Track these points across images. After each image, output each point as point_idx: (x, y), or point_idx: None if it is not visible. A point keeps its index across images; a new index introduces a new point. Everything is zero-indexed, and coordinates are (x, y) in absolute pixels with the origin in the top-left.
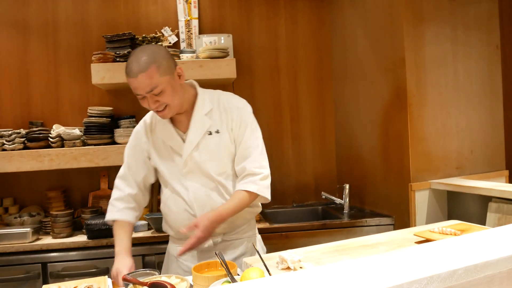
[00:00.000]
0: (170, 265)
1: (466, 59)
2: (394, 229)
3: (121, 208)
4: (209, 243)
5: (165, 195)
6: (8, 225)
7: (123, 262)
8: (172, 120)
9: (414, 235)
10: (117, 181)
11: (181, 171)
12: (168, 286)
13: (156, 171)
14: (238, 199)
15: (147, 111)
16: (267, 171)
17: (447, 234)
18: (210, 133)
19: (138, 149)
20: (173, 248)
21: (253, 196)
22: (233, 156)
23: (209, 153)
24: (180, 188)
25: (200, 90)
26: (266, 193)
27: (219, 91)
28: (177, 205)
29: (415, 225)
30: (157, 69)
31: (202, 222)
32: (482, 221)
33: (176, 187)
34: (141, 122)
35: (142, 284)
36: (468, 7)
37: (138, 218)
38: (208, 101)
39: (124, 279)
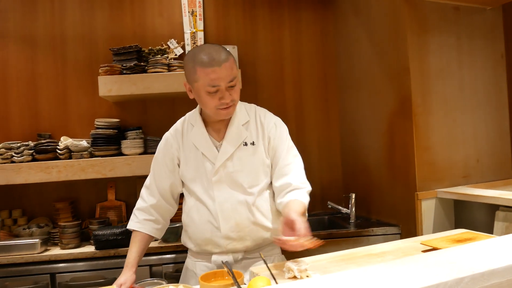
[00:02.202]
0: (189, 281)
1: (471, 68)
2: (401, 238)
3: (141, 219)
4: (229, 259)
5: (189, 205)
6: (17, 236)
7: (124, 277)
8: (207, 128)
9: (420, 243)
10: (142, 190)
11: (210, 180)
12: None
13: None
14: (303, 204)
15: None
16: (309, 187)
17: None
18: (246, 144)
19: (166, 157)
20: (191, 264)
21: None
22: (267, 170)
23: (243, 164)
24: (206, 198)
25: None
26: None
27: (253, 105)
28: (200, 216)
29: (421, 234)
30: (234, 62)
31: (302, 224)
32: (489, 230)
33: (201, 197)
34: (171, 130)
35: None
36: (472, 16)
37: (161, 231)
38: (245, 112)
39: None
